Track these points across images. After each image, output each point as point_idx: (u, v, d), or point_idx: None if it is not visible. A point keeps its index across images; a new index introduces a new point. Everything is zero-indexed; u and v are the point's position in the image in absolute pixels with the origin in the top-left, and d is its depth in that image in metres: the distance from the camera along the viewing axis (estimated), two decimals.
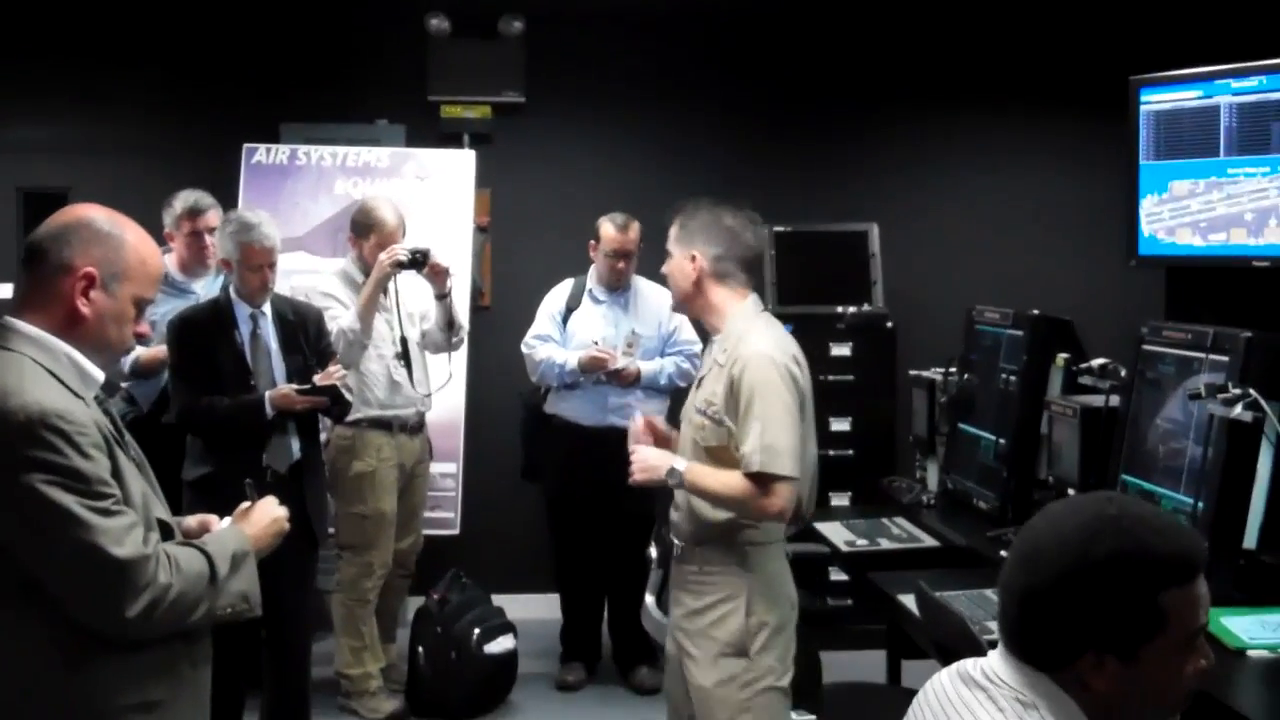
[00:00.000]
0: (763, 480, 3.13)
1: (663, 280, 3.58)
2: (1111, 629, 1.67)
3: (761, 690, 3.24)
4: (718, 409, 3.24)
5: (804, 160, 6.77)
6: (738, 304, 3.36)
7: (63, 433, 2.13)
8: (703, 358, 3.56)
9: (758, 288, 3.49)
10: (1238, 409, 3.28)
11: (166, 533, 2.36)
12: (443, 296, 5.22)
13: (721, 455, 3.23)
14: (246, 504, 2.60)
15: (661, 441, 3.47)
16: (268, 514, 2.55)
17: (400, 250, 5.03)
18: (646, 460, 3.30)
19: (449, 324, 5.29)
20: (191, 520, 2.57)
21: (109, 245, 2.31)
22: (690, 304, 3.45)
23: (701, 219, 3.38)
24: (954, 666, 1.87)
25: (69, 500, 2.12)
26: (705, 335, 3.65)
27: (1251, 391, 3.28)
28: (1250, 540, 3.34)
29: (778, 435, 3.13)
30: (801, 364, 3.30)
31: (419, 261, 5.04)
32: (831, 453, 6.20)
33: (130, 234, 2.35)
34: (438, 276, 5.14)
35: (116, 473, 2.22)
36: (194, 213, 5.06)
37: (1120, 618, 1.66)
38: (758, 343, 3.24)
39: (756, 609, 3.24)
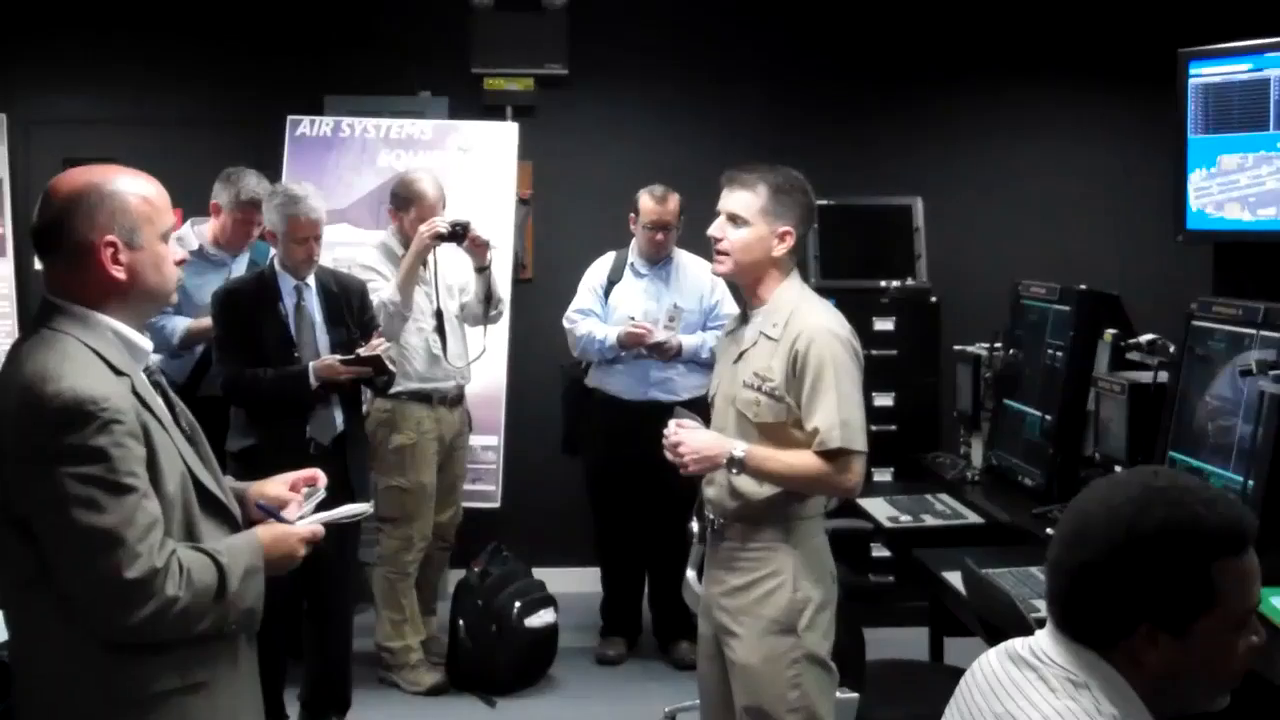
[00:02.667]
0: (837, 456, 3.08)
1: (703, 251, 3.48)
2: (1163, 603, 1.65)
3: (809, 667, 3.19)
4: (775, 385, 3.15)
5: (848, 133, 6.72)
6: (785, 278, 3.28)
7: (97, 419, 2.11)
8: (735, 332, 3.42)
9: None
10: None
11: (213, 507, 2.34)
12: (483, 269, 5.21)
13: (777, 432, 3.16)
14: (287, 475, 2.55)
15: None
16: (289, 535, 2.42)
17: (440, 223, 5.01)
18: (701, 448, 3.15)
19: (488, 297, 5.27)
20: (265, 488, 2.51)
21: (111, 205, 2.25)
22: (751, 275, 3.28)
23: (797, 195, 3.26)
24: (1002, 646, 1.86)
25: (94, 493, 2.09)
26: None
27: None
28: None
29: (851, 410, 3.09)
30: (856, 338, 3.26)
31: (459, 235, 5.02)
32: (874, 428, 6.11)
33: (119, 182, 2.29)
34: (478, 249, 5.13)
35: (152, 461, 2.20)
36: (255, 205, 4.99)
37: (1171, 590, 1.64)
38: (817, 317, 3.18)
39: (803, 584, 3.19)
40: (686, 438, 3.17)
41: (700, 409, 3.48)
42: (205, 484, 2.32)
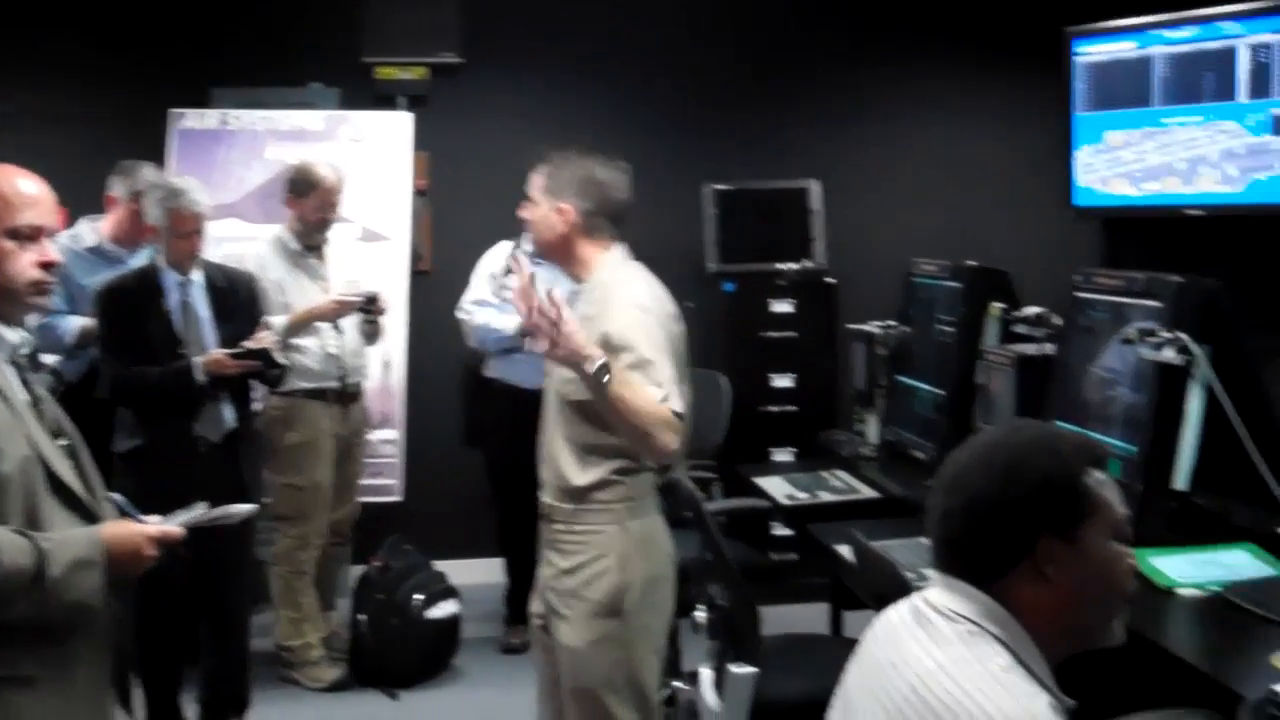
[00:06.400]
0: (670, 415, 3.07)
1: None
2: (1052, 510, 1.74)
3: (635, 650, 3.21)
4: None
5: (745, 118, 6.73)
6: (603, 255, 3.29)
7: None
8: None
9: (626, 238, 3.39)
10: (1168, 352, 3.29)
11: (68, 501, 2.28)
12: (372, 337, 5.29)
13: (593, 412, 3.13)
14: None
15: None
16: (136, 534, 2.33)
17: (351, 296, 5.06)
18: (576, 336, 2.93)
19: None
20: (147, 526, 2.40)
21: None
22: (553, 254, 3.35)
23: (571, 171, 3.29)
24: (903, 601, 1.88)
25: None
26: None
27: (1182, 335, 3.29)
28: (1182, 482, 3.36)
29: (667, 377, 3.07)
30: (674, 314, 3.26)
31: (369, 309, 5.13)
32: (774, 409, 6.25)
33: None
34: (373, 325, 5.22)
35: None
36: None
37: (1056, 497, 1.74)
38: (629, 293, 3.18)
39: (631, 566, 3.18)
40: (570, 322, 2.95)
41: None
42: (60, 475, 2.26)
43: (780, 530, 5.82)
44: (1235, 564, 3.15)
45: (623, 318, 3.12)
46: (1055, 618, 1.74)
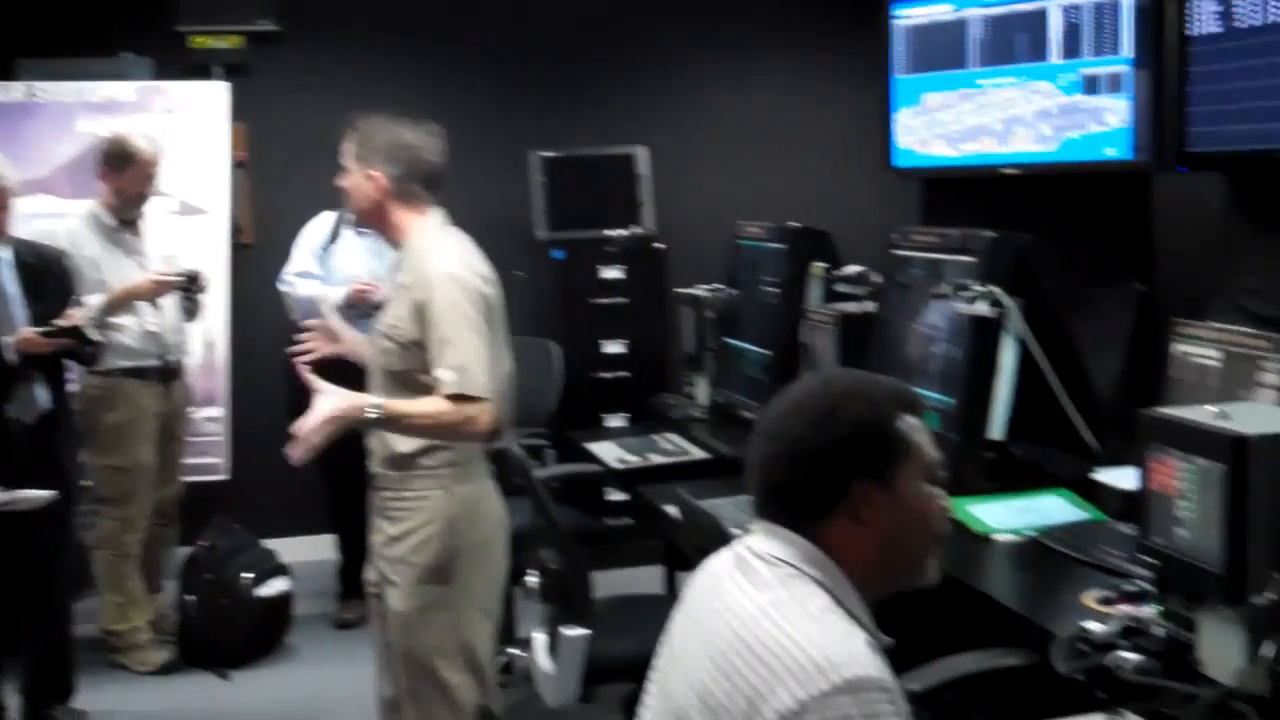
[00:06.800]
0: (461, 402, 3.07)
1: None
2: (867, 455, 1.77)
3: (465, 614, 3.24)
4: (403, 332, 3.16)
5: (570, 86, 6.71)
6: (418, 221, 3.27)
7: None
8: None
9: (453, 208, 3.39)
10: (981, 306, 3.37)
11: None
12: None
13: (410, 381, 3.15)
14: None
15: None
16: None
17: (172, 275, 4.95)
18: (334, 408, 2.97)
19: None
20: None
21: None
22: (370, 222, 3.38)
23: (381, 137, 3.27)
24: (723, 551, 1.90)
25: None
26: None
27: (994, 289, 3.38)
28: (997, 432, 3.45)
29: (468, 356, 3.07)
30: (489, 279, 3.26)
31: (189, 287, 5.03)
32: (607, 375, 6.27)
33: None
34: (193, 303, 5.11)
35: None
36: None
37: (871, 442, 1.78)
38: (441, 262, 3.17)
39: (457, 531, 3.21)
40: (321, 399, 3.00)
41: None
42: None
43: (615, 495, 5.83)
44: (1049, 509, 3.25)
45: (432, 289, 3.11)
46: (872, 559, 1.78)
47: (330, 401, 3.00)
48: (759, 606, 1.72)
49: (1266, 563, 2.09)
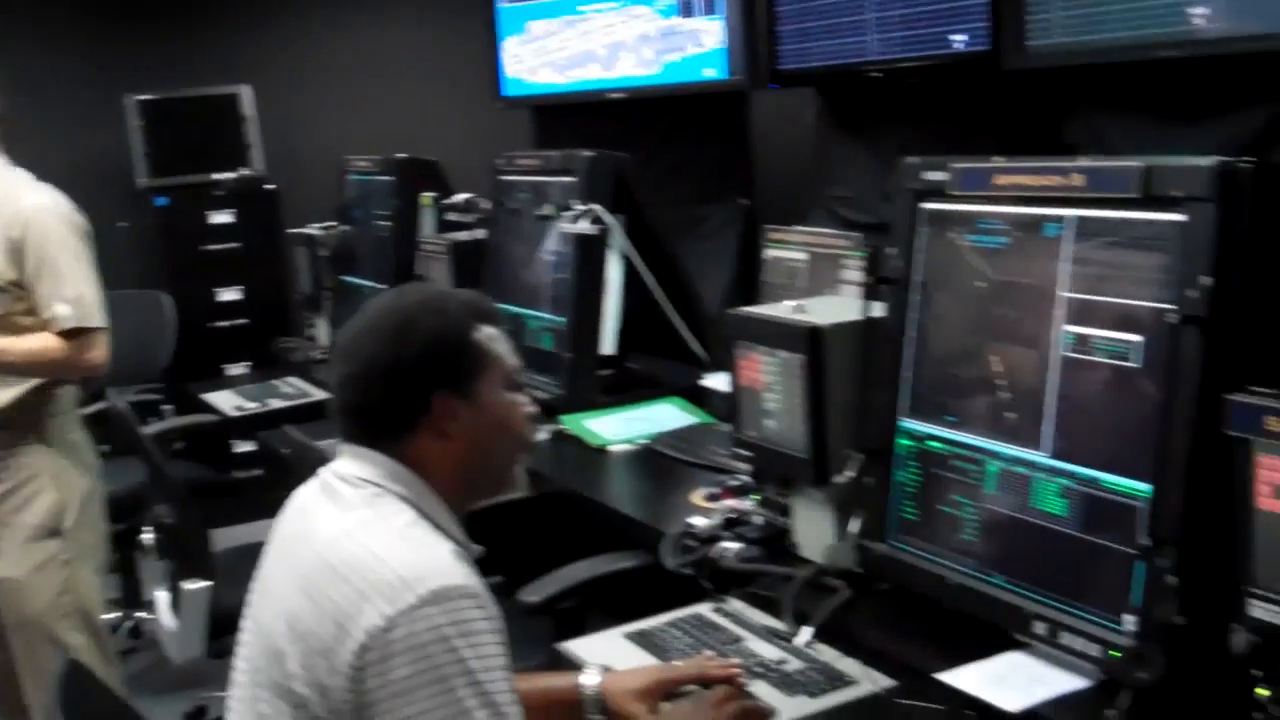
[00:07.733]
0: (77, 335, 2.99)
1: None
2: (446, 368, 1.76)
3: (79, 570, 3.17)
4: None
5: (164, 26, 6.37)
6: None
7: None
8: None
9: (46, 157, 3.25)
10: (583, 224, 3.42)
11: None
12: None
13: (10, 325, 3.02)
14: None
15: None
16: None
17: None
18: None
19: None
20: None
21: None
22: None
23: None
24: (311, 479, 1.87)
25: None
26: None
27: (595, 206, 3.43)
28: (609, 347, 3.53)
29: (82, 287, 3.00)
30: (78, 211, 3.16)
31: None
32: (224, 323, 6.08)
33: None
34: None
35: None
36: None
37: (449, 356, 1.77)
38: (31, 197, 3.06)
39: (65, 483, 3.13)
40: None
41: None
42: None
43: (244, 447, 5.69)
44: (662, 417, 3.36)
45: (28, 225, 3.00)
46: (458, 471, 1.78)
47: None
48: (343, 528, 1.71)
49: (845, 443, 2.22)
